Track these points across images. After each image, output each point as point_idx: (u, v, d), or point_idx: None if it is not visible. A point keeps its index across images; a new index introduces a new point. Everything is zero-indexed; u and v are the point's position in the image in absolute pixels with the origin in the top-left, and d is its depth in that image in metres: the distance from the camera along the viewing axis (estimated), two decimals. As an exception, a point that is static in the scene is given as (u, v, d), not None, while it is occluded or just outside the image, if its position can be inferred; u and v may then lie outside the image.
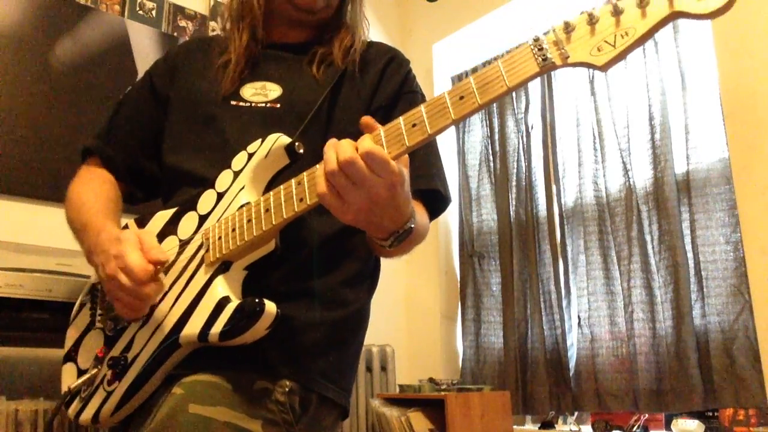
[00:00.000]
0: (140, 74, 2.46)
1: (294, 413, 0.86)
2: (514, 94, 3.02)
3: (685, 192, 2.36)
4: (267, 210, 0.81)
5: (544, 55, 0.64)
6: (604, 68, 0.62)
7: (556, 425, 2.67)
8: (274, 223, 0.80)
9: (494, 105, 3.10)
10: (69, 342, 1.01)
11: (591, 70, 2.66)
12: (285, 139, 0.87)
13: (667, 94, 2.45)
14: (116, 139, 1.10)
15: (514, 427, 2.56)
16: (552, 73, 2.87)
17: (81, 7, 2.40)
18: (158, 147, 1.08)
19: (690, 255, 2.31)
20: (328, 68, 1.04)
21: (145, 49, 2.54)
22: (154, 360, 0.85)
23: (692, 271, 2.29)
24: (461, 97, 0.68)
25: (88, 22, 2.41)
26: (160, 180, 1.09)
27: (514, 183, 2.95)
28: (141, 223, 1.00)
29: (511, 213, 2.93)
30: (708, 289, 2.25)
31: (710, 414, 2.24)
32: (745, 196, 2.16)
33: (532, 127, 2.95)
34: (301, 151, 0.86)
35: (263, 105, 1.00)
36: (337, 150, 0.70)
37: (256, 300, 0.79)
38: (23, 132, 2.16)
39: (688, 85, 2.41)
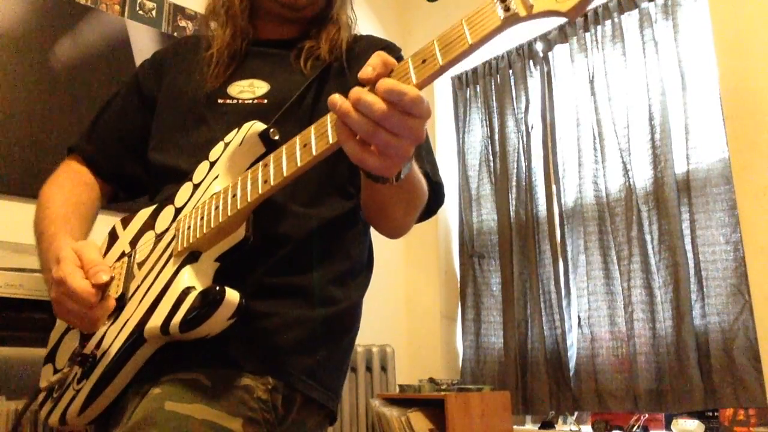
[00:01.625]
0: (140, 74, 2.47)
1: (276, 413, 0.83)
2: (514, 93, 3.02)
3: (685, 192, 2.36)
4: (234, 195, 0.79)
5: (506, 6, 0.59)
6: (570, 14, 0.58)
7: (556, 425, 2.67)
8: (239, 207, 0.78)
9: (494, 105, 3.10)
10: (50, 343, 0.99)
11: (590, 70, 2.68)
12: (259, 126, 0.86)
13: (667, 94, 2.45)
14: (99, 138, 1.09)
15: (514, 427, 2.56)
16: (552, 72, 2.90)
17: (81, 7, 2.40)
18: (143, 148, 1.07)
19: (690, 255, 2.31)
20: (316, 62, 1.03)
21: (145, 49, 2.53)
22: (120, 356, 0.82)
23: (692, 271, 2.29)
24: (423, 61, 0.64)
25: (88, 22, 2.40)
26: (142, 181, 1.08)
27: (514, 183, 2.95)
28: (126, 222, 0.99)
29: (511, 213, 2.93)
30: (708, 289, 2.25)
31: (710, 414, 2.24)
32: (745, 196, 2.16)
33: (532, 127, 2.95)
34: (277, 137, 0.84)
35: (250, 101, 0.98)
36: (366, 106, 0.63)
37: (217, 288, 0.75)
38: (23, 132, 2.16)
39: (688, 85, 2.41)
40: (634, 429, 2.38)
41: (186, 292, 0.78)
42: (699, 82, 2.38)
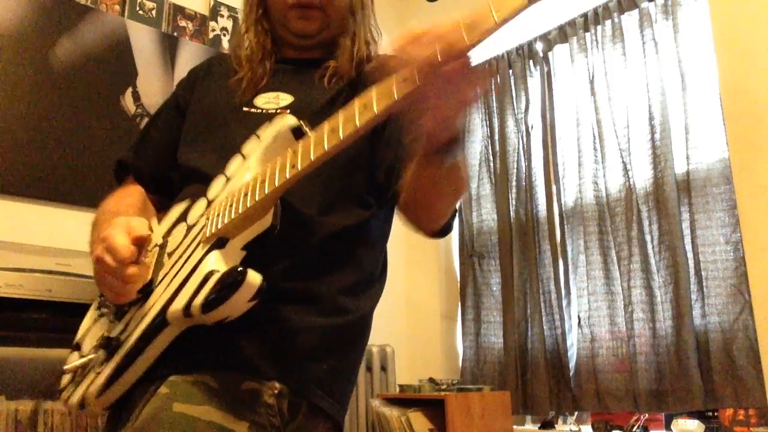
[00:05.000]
0: (140, 74, 2.48)
1: (282, 417, 0.84)
2: (513, 93, 3.02)
3: (685, 192, 2.36)
4: (262, 182, 0.80)
5: None
6: None
7: (556, 425, 2.67)
8: (266, 192, 0.79)
9: (494, 105, 3.10)
10: (79, 332, 1.00)
11: (590, 70, 2.68)
12: (292, 119, 0.87)
13: (667, 94, 2.45)
14: (146, 150, 1.15)
15: (514, 427, 2.56)
16: (552, 72, 2.90)
17: (81, 7, 2.40)
18: None
19: (690, 255, 2.31)
20: (340, 80, 1.06)
21: (145, 49, 2.54)
22: (142, 339, 0.83)
23: (692, 271, 2.29)
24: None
25: (88, 22, 2.41)
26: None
27: (514, 183, 2.95)
28: (161, 217, 1.02)
29: (511, 213, 2.93)
30: (708, 289, 2.25)
31: (710, 414, 2.23)
32: (745, 196, 2.16)
33: (532, 127, 2.95)
34: (308, 130, 0.85)
35: (273, 111, 1.02)
36: (444, 37, 0.65)
37: (239, 269, 0.76)
38: (23, 132, 2.16)
39: (688, 85, 2.41)
40: (634, 429, 2.38)
41: (209, 274, 0.79)
42: (699, 82, 2.38)
